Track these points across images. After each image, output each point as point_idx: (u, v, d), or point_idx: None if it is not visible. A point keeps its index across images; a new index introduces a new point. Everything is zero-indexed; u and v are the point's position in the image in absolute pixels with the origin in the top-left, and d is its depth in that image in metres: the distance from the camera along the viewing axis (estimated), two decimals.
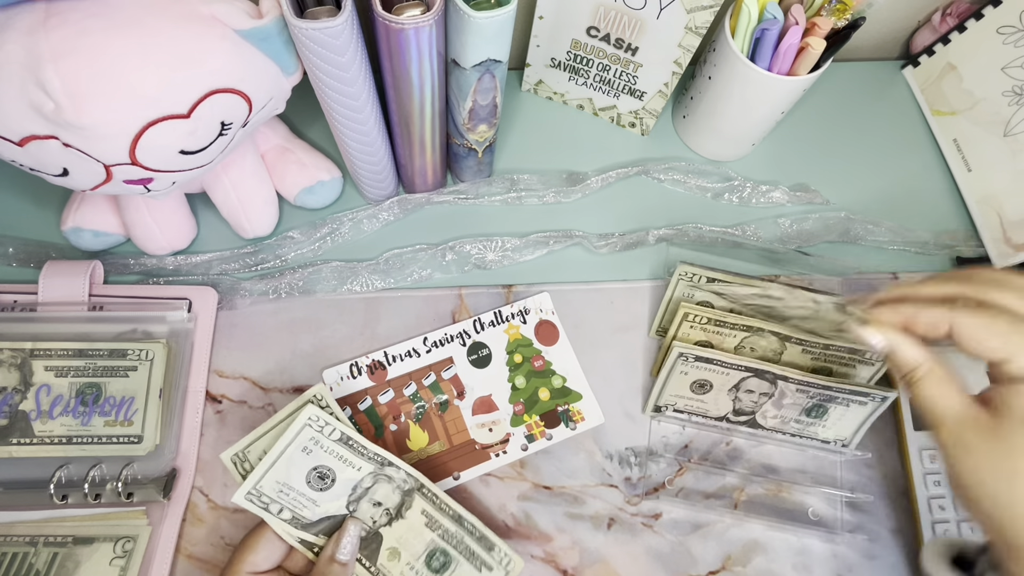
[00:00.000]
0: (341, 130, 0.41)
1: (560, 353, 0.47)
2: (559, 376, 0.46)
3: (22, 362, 0.41)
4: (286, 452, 0.34)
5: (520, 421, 0.45)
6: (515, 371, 0.46)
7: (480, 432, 0.44)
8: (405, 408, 0.44)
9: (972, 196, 0.54)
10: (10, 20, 0.29)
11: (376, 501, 0.36)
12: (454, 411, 0.45)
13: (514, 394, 0.45)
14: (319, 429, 0.35)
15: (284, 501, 0.35)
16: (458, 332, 0.47)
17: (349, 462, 0.36)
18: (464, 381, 0.45)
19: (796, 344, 0.44)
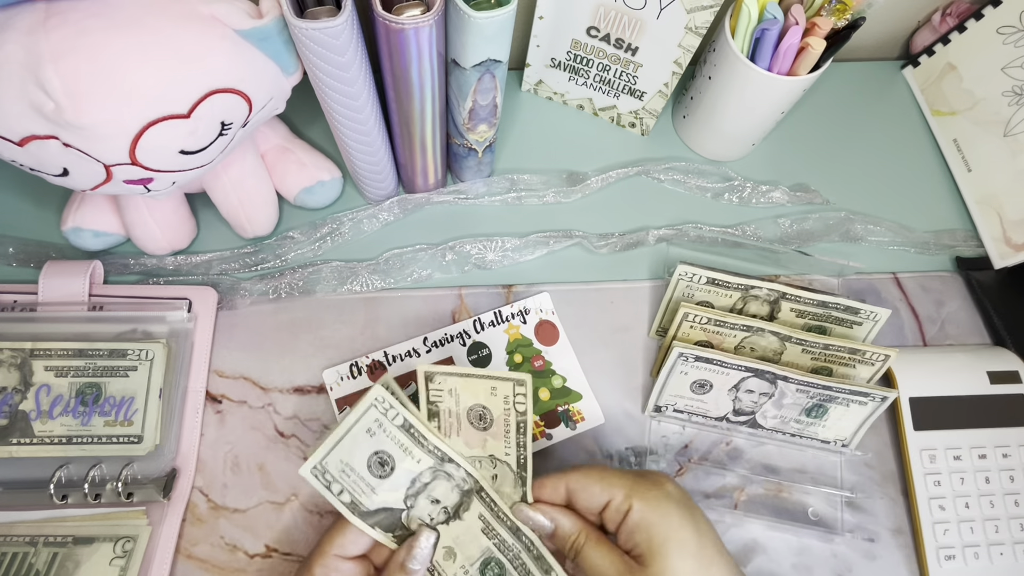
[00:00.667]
0: (341, 130, 0.41)
1: (560, 353, 0.47)
2: (559, 376, 0.46)
3: (22, 362, 0.41)
4: (352, 430, 0.34)
5: None
6: (515, 371, 0.46)
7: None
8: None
9: (972, 196, 0.54)
10: (10, 20, 0.29)
11: (434, 498, 0.36)
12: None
13: None
14: (383, 411, 0.34)
15: (345, 482, 0.34)
16: (458, 332, 0.47)
17: (409, 451, 0.35)
18: None
19: (796, 344, 0.44)
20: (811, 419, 0.44)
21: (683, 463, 0.45)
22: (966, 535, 0.43)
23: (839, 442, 0.45)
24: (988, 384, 0.46)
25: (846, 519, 0.44)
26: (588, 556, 0.33)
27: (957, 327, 0.50)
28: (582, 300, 0.49)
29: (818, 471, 0.45)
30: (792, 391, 0.43)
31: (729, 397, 0.44)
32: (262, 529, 0.41)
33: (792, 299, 0.46)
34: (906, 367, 0.46)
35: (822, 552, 0.43)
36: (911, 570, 0.43)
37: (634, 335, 0.48)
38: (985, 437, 0.45)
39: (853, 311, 0.46)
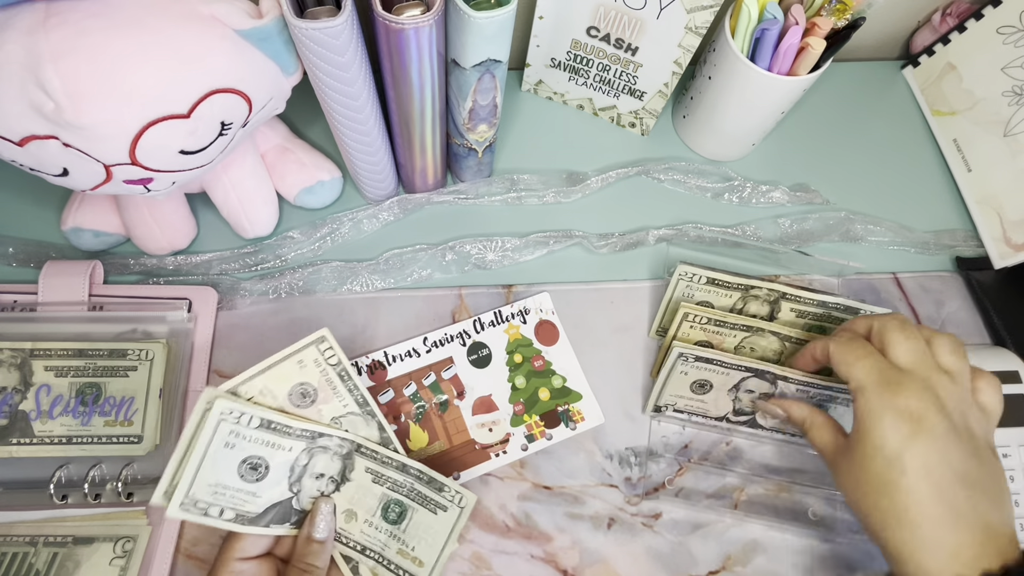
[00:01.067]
0: (341, 130, 0.41)
1: (560, 353, 0.47)
2: (559, 376, 0.46)
3: (22, 362, 0.41)
4: (209, 451, 0.33)
5: (520, 421, 0.45)
6: (515, 371, 0.46)
7: (480, 432, 0.44)
8: (405, 408, 0.44)
9: (972, 196, 0.54)
10: (10, 20, 0.29)
11: (318, 474, 0.36)
12: (454, 411, 0.45)
13: (514, 394, 0.45)
14: (236, 421, 0.33)
15: (222, 502, 0.33)
16: (458, 332, 0.47)
17: (278, 446, 0.35)
18: (464, 381, 0.45)
19: (796, 344, 0.44)
20: None
21: (683, 463, 0.45)
22: None
23: None
24: None
25: (846, 519, 0.44)
26: (814, 437, 0.39)
27: (957, 327, 0.50)
28: (582, 300, 0.49)
29: (818, 471, 0.45)
30: (792, 391, 0.43)
31: (729, 397, 0.44)
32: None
33: (792, 299, 0.46)
34: None
35: (822, 552, 0.43)
36: None
37: (634, 335, 0.48)
38: None
39: (853, 311, 0.46)
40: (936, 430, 0.33)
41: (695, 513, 0.44)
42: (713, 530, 0.43)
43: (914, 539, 0.32)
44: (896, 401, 0.34)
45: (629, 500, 0.44)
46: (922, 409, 0.33)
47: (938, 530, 0.32)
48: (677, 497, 0.44)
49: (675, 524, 0.43)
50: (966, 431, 0.34)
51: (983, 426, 0.35)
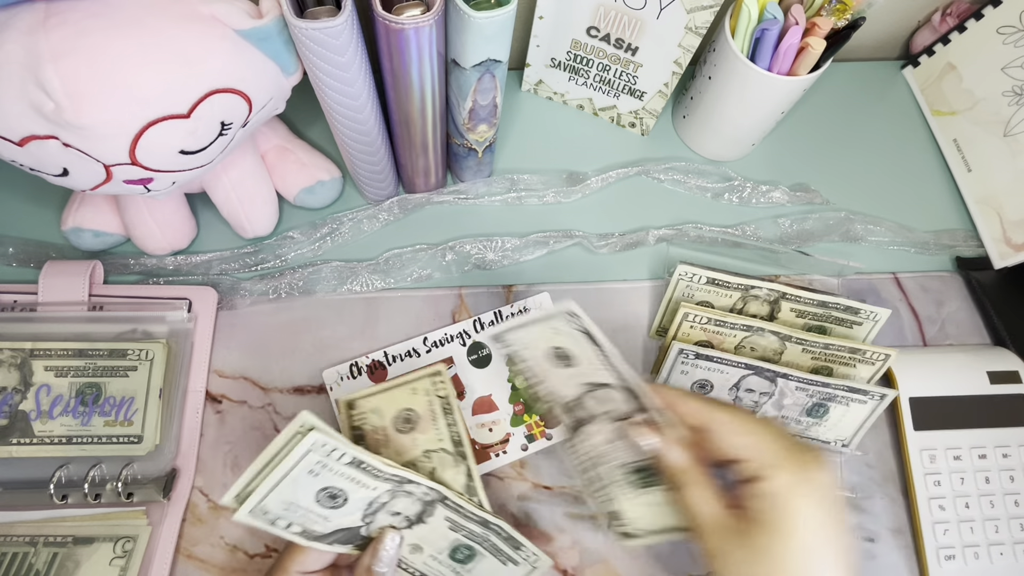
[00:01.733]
0: (341, 130, 0.41)
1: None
2: None
3: (22, 362, 0.41)
4: (291, 474, 0.32)
5: (520, 421, 0.45)
6: (514, 372, 0.46)
7: (480, 432, 0.44)
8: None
9: (972, 196, 0.54)
10: (10, 20, 0.29)
11: (395, 512, 0.35)
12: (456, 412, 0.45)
13: (514, 394, 0.45)
14: (326, 454, 0.32)
15: (292, 517, 0.33)
16: (458, 332, 0.47)
17: (363, 483, 0.34)
18: (464, 381, 0.45)
19: (796, 344, 0.44)
20: (812, 419, 0.44)
21: None
22: (966, 535, 0.43)
23: (839, 442, 0.45)
24: (988, 384, 0.46)
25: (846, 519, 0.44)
26: (687, 497, 0.31)
27: (957, 327, 0.50)
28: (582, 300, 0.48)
29: None
30: (792, 390, 0.43)
31: (730, 397, 0.44)
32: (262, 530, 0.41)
33: (792, 299, 0.46)
34: (906, 367, 0.46)
35: None
36: (911, 570, 0.43)
37: (634, 335, 0.48)
38: (985, 437, 0.45)
39: (853, 311, 0.46)
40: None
41: None
42: None
43: None
44: (814, 480, 0.29)
45: None
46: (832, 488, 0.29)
47: None
48: None
49: None
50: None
51: None
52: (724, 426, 0.31)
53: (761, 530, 0.28)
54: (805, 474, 0.29)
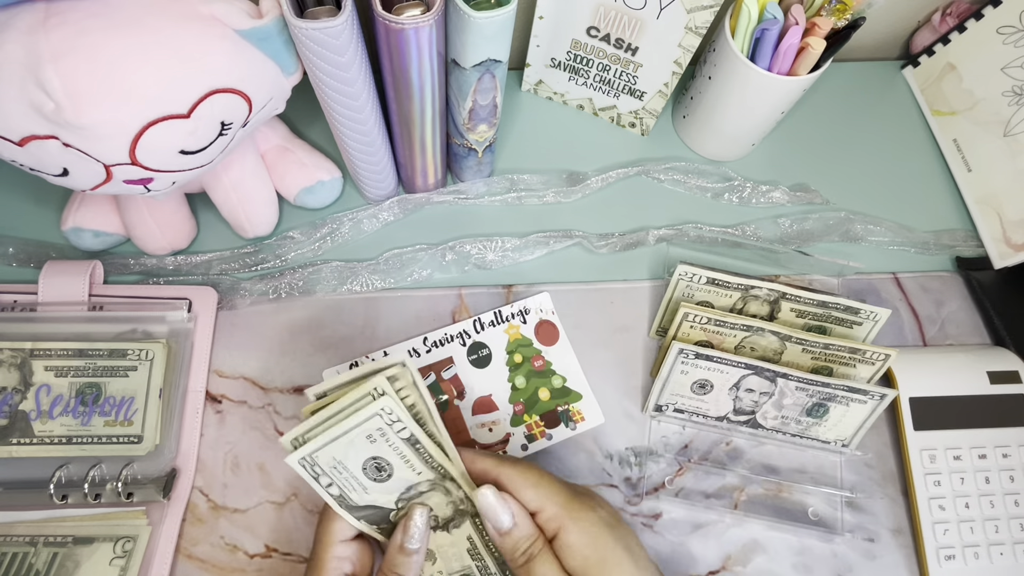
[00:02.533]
0: (341, 130, 0.41)
1: (560, 353, 0.47)
2: (559, 376, 0.46)
3: (22, 362, 0.41)
4: (350, 434, 0.32)
5: (520, 421, 0.45)
6: (515, 371, 0.46)
7: (480, 432, 0.44)
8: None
9: (972, 196, 0.54)
10: (10, 20, 0.29)
11: (428, 505, 0.35)
12: (454, 411, 0.44)
13: (514, 394, 0.45)
14: (389, 423, 0.32)
15: (336, 478, 0.32)
16: (458, 332, 0.46)
17: (411, 464, 0.33)
18: (464, 381, 0.45)
19: (796, 344, 0.45)
20: (812, 419, 0.44)
21: (683, 463, 0.45)
22: (966, 535, 0.43)
23: (839, 442, 0.45)
24: (988, 384, 0.46)
25: (846, 519, 0.44)
26: (539, 568, 0.31)
27: (957, 327, 0.50)
28: (582, 300, 0.49)
29: (818, 471, 0.45)
30: (792, 389, 0.43)
31: (729, 396, 0.44)
32: (262, 529, 0.41)
33: (792, 299, 0.46)
34: (906, 367, 0.46)
35: (822, 552, 0.43)
36: (911, 570, 0.43)
37: (634, 335, 0.48)
38: (985, 437, 0.45)
39: (853, 311, 0.46)
40: None
41: (695, 513, 0.44)
42: (713, 530, 0.43)
43: None
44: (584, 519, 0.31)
45: (629, 500, 0.44)
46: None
47: None
48: (677, 497, 0.44)
49: (675, 524, 0.43)
50: None
51: None
52: (512, 480, 0.32)
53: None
54: (590, 511, 0.31)
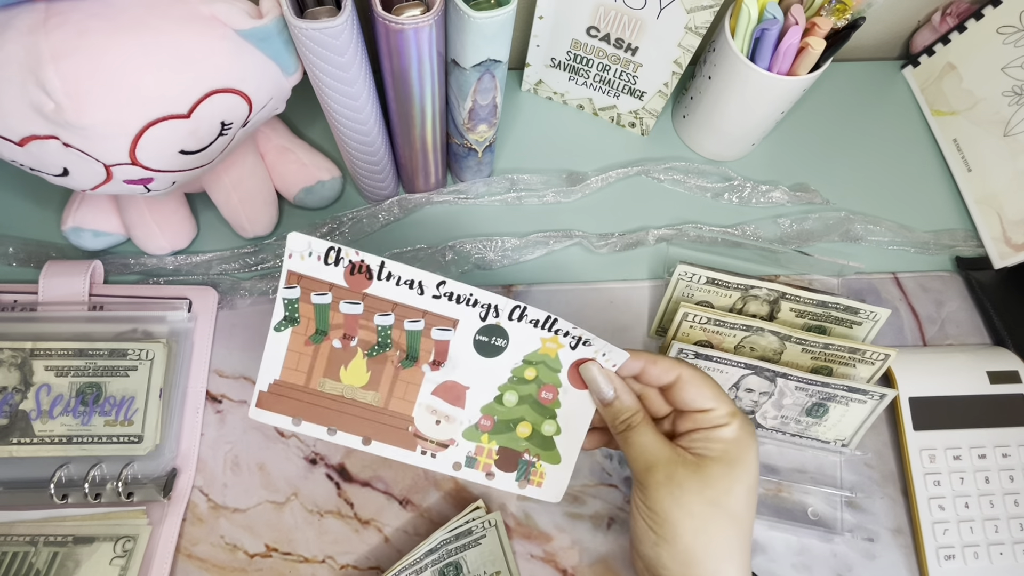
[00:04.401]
0: (341, 130, 0.41)
1: (575, 405, 0.37)
2: (555, 424, 0.37)
3: (22, 362, 0.41)
4: None
5: (475, 437, 0.36)
6: (514, 384, 0.36)
7: (425, 417, 0.36)
8: (364, 335, 0.35)
9: (972, 196, 0.54)
10: (11, 20, 0.29)
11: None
12: (415, 376, 0.35)
13: (493, 405, 0.36)
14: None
15: None
16: (488, 303, 0.35)
17: None
18: (451, 355, 0.35)
19: (796, 344, 0.45)
20: (812, 419, 0.44)
21: None
22: (966, 535, 0.43)
23: (839, 442, 0.45)
24: (988, 384, 0.46)
25: (846, 519, 0.44)
26: (640, 436, 0.34)
27: (957, 327, 0.50)
28: (582, 300, 0.49)
29: (818, 471, 0.45)
30: (791, 389, 0.43)
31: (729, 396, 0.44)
32: (262, 529, 0.41)
33: (792, 299, 0.46)
34: (906, 367, 0.46)
35: (822, 552, 0.43)
36: (911, 570, 0.43)
37: (634, 335, 0.48)
38: (985, 437, 0.45)
39: (853, 311, 0.46)
40: None
41: None
42: None
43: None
44: (754, 433, 0.34)
45: (629, 500, 0.44)
46: None
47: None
48: None
49: None
50: None
51: None
52: (692, 380, 0.35)
53: (717, 464, 0.33)
54: (750, 427, 0.34)
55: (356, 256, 0.33)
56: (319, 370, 0.35)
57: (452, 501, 0.43)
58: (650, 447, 0.34)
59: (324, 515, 0.42)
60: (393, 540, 0.42)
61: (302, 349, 0.35)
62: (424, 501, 0.43)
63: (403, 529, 0.42)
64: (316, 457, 0.43)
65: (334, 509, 0.42)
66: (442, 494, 0.43)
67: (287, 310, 0.34)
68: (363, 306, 0.35)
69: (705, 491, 0.32)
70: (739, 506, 0.32)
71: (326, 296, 0.34)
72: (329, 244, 0.33)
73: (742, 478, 0.32)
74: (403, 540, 0.42)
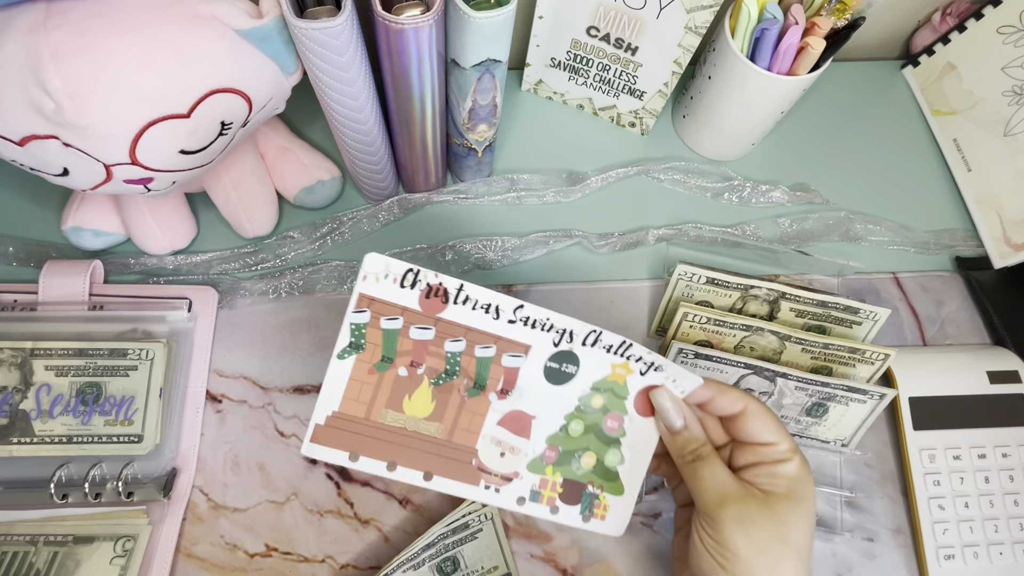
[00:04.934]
0: (341, 130, 0.41)
1: (641, 433, 0.36)
2: (620, 454, 0.36)
3: (22, 361, 0.41)
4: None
5: (540, 469, 0.35)
6: (581, 413, 0.35)
7: (489, 449, 0.34)
8: (432, 362, 0.33)
9: (972, 196, 0.54)
10: (11, 20, 0.29)
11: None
12: (481, 405, 0.34)
13: (560, 436, 0.35)
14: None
15: None
16: (563, 328, 0.34)
17: None
18: (520, 382, 0.34)
19: (796, 343, 0.45)
20: (812, 419, 0.44)
21: None
22: (965, 535, 0.43)
23: (839, 442, 0.45)
24: (988, 384, 0.46)
25: (846, 519, 0.44)
26: (709, 468, 0.34)
27: (957, 327, 0.50)
28: (582, 300, 0.49)
29: (818, 471, 0.45)
30: (791, 389, 0.43)
31: None
32: (262, 528, 0.42)
33: (792, 299, 0.46)
34: (906, 367, 0.46)
35: (822, 552, 0.43)
36: (911, 570, 0.43)
37: (634, 335, 0.48)
38: (985, 437, 0.45)
39: (853, 311, 0.46)
40: None
41: None
42: None
43: None
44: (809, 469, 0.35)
45: None
46: None
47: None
48: None
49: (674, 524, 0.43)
50: None
51: None
52: (757, 413, 0.34)
53: (785, 501, 0.33)
54: (807, 463, 0.34)
55: (435, 279, 0.32)
56: (381, 400, 0.32)
57: (452, 500, 0.43)
58: (720, 481, 0.33)
59: (324, 515, 0.42)
60: (393, 540, 0.42)
61: (365, 378, 0.32)
62: (423, 500, 0.43)
63: (403, 528, 0.42)
64: None
65: (334, 509, 0.42)
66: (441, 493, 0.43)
67: (353, 336, 0.32)
68: (435, 331, 0.33)
69: (777, 528, 0.32)
70: (805, 544, 0.32)
71: (397, 321, 0.32)
72: (408, 266, 0.31)
73: (807, 515, 0.33)
74: (403, 539, 0.42)
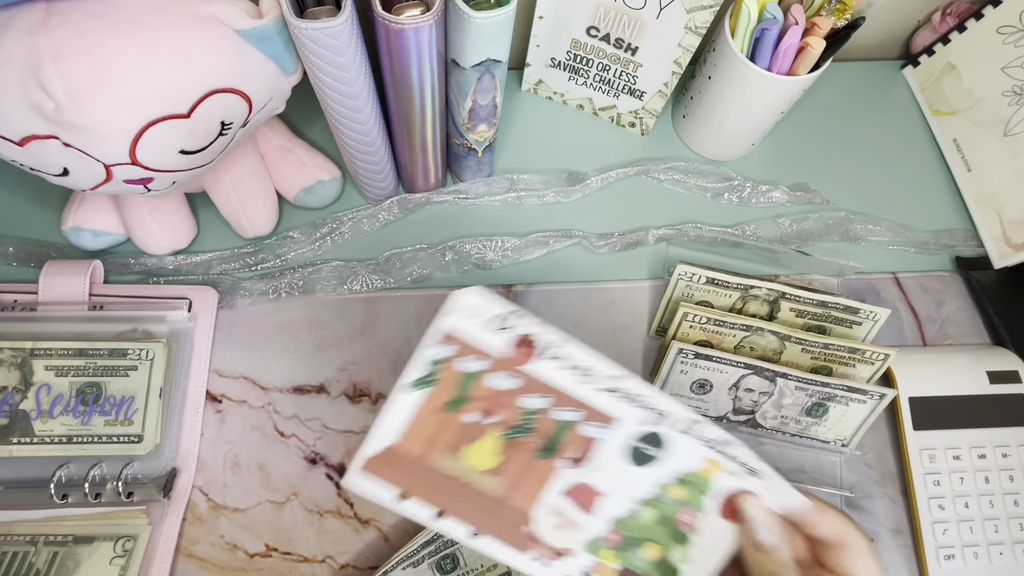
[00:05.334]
0: (341, 130, 0.41)
1: (715, 535, 0.31)
2: (684, 552, 0.31)
3: (22, 361, 0.41)
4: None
5: (597, 551, 0.30)
6: (657, 503, 0.31)
7: (546, 518, 0.30)
8: (506, 414, 0.29)
9: (972, 196, 0.54)
10: (11, 20, 0.29)
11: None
12: (546, 469, 0.30)
13: (627, 520, 0.30)
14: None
15: None
16: (660, 409, 0.30)
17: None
18: (596, 454, 0.30)
19: (796, 343, 0.45)
20: (812, 419, 0.44)
21: None
22: (965, 535, 0.43)
23: (839, 442, 0.45)
24: (988, 384, 0.46)
25: None
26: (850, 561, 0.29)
27: (957, 327, 0.50)
28: (582, 300, 0.49)
29: (818, 471, 0.45)
30: (791, 389, 0.43)
31: (729, 396, 0.44)
32: (262, 528, 0.42)
33: (792, 299, 0.46)
34: (906, 367, 0.46)
35: None
36: (911, 570, 0.43)
37: (634, 335, 0.48)
38: (984, 437, 0.45)
39: (853, 311, 0.46)
40: None
41: None
42: None
43: None
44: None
45: None
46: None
47: None
48: None
49: None
50: None
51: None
52: (861, 552, 0.30)
53: None
54: None
55: (533, 327, 0.29)
56: (442, 443, 0.29)
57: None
58: None
59: (324, 515, 0.42)
60: (393, 539, 0.42)
61: (430, 416, 0.29)
62: None
63: (403, 528, 0.42)
64: (316, 457, 0.43)
65: (334, 509, 0.42)
66: None
67: (428, 370, 0.29)
68: (516, 382, 0.30)
69: None
70: None
71: (480, 363, 0.29)
72: (509, 308, 0.29)
73: None
74: (403, 539, 0.42)
